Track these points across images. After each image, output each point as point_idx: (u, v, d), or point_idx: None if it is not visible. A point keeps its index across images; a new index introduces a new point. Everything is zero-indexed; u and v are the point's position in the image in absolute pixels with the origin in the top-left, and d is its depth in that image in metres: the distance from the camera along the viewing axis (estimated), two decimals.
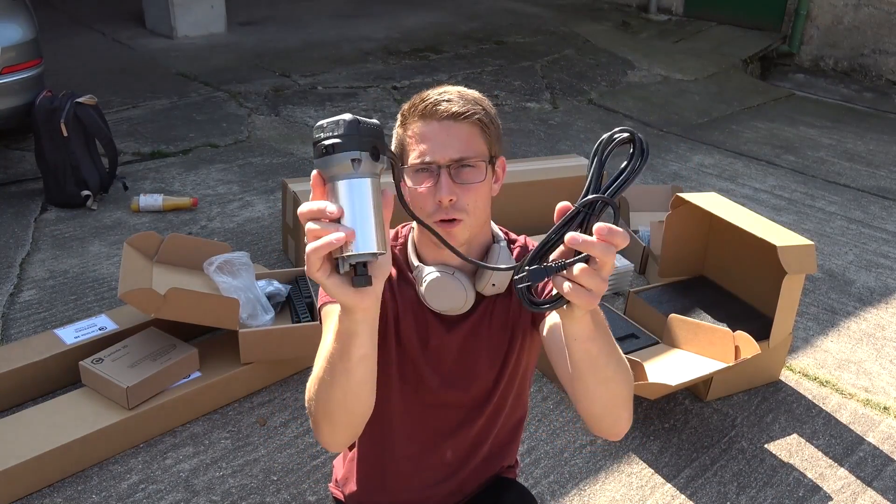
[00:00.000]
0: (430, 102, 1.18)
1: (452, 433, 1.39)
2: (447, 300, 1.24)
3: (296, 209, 3.00)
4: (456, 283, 1.23)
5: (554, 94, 5.72)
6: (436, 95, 1.19)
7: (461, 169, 1.17)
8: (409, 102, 1.22)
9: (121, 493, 2.04)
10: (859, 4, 6.80)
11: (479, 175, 1.19)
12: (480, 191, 1.19)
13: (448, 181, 1.16)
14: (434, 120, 1.17)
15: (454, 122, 1.17)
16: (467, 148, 1.18)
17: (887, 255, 3.64)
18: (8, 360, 2.30)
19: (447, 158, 1.16)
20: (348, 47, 6.37)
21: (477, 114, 1.19)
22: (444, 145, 1.17)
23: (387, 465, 1.43)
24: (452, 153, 1.17)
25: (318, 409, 1.10)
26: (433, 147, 1.17)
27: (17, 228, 3.32)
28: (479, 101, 1.21)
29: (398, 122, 1.23)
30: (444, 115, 1.17)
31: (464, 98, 1.19)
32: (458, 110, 1.17)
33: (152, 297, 2.22)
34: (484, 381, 1.34)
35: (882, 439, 2.44)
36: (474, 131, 1.19)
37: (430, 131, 1.17)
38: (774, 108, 5.93)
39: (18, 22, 3.64)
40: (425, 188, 1.17)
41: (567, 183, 3.44)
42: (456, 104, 1.17)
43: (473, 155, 1.18)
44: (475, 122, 1.18)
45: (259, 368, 2.42)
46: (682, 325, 2.53)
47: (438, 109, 1.17)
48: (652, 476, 2.23)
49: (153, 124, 4.56)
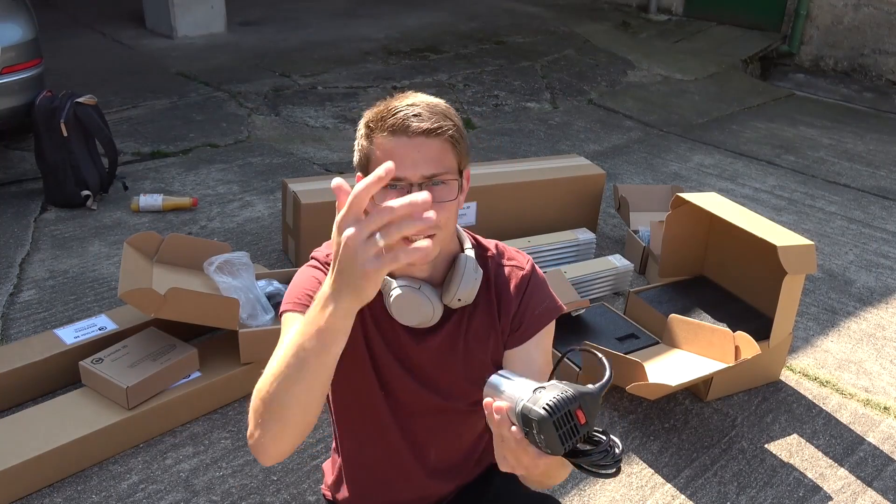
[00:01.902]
0: (400, 117, 1.13)
1: (434, 440, 1.39)
2: (414, 315, 1.23)
3: (296, 209, 3.00)
4: (422, 297, 1.21)
5: (554, 94, 5.72)
6: (404, 109, 1.14)
7: (433, 186, 1.15)
8: (374, 113, 1.17)
9: (121, 493, 2.04)
10: (859, 4, 6.80)
11: (452, 192, 1.17)
12: (452, 206, 1.18)
13: None
14: (404, 136, 1.13)
15: (426, 138, 1.13)
16: (439, 164, 1.14)
17: (887, 255, 3.64)
18: (8, 360, 2.30)
19: (419, 176, 1.13)
20: (348, 47, 6.37)
21: (449, 129, 1.15)
22: (415, 162, 1.13)
23: (372, 468, 1.44)
24: (424, 170, 1.14)
25: (271, 408, 1.08)
26: (404, 164, 1.12)
27: (17, 228, 3.32)
28: (448, 114, 1.17)
29: (362, 133, 1.19)
30: (416, 131, 1.13)
31: (433, 112, 1.15)
32: (430, 126, 1.13)
33: (152, 297, 2.22)
34: (456, 390, 1.34)
35: (882, 439, 2.44)
36: (446, 147, 1.16)
37: (400, 147, 1.13)
38: (774, 108, 5.93)
39: (18, 22, 3.64)
40: None
41: (567, 183, 3.44)
42: (427, 120, 1.14)
43: (445, 171, 1.15)
44: (447, 138, 1.15)
45: (259, 368, 2.40)
46: (682, 325, 2.53)
47: (410, 126, 1.13)
48: (652, 476, 2.23)
49: (153, 124, 4.56)
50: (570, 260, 3.24)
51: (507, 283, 1.31)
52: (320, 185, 3.08)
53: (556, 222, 3.41)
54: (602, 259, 3.14)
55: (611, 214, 3.83)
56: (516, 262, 1.34)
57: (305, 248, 3.01)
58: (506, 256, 1.34)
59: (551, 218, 3.41)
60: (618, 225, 3.75)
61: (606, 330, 2.68)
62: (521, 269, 1.33)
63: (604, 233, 3.67)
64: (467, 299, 1.24)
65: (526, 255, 1.36)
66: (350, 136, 4.61)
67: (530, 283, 1.32)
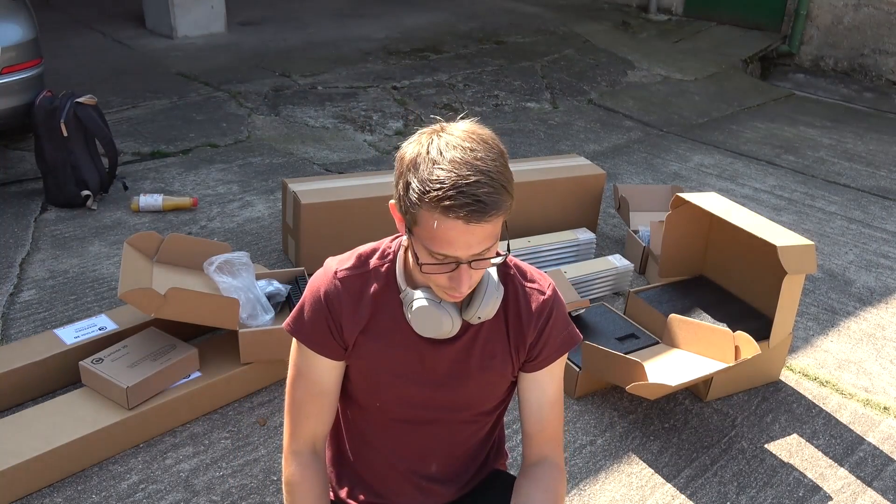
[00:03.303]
0: (460, 205, 1.05)
1: (435, 447, 1.40)
2: (432, 328, 1.24)
3: (296, 209, 3.00)
4: (442, 311, 1.21)
5: (554, 94, 5.72)
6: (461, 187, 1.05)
7: (481, 260, 1.14)
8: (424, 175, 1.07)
9: (121, 493, 2.04)
10: (859, 4, 6.80)
11: (494, 252, 1.16)
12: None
13: (467, 273, 1.14)
14: (462, 221, 1.07)
15: (484, 224, 1.08)
16: (490, 239, 1.12)
17: (887, 255, 3.65)
18: (8, 360, 2.30)
19: (469, 255, 1.12)
20: (348, 47, 6.37)
21: (505, 205, 1.09)
22: (468, 245, 1.10)
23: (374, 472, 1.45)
24: (476, 249, 1.12)
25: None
26: (457, 246, 1.10)
27: (17, 228, 3.32)
28: (505, 185, 1.09)
29: (409, 188, 1.10)
30: (476, 221, 1.07)
31: (495, 187, 1.07)
32: (490, 216, 1.07)
33: (152, 297, 2.22)
34: (466, 400, 1.35)
35: (882, 439, 2.44)
36: (499, 221, 1.12)
37: (455, 230, 1.08)
38: (774, 108, 5.93)
39: (18, 22, 3.64)
40: (442, 274, 1.15)
41: (567, 183, 3.44)
42: (487, 206, 1.06)
43: (494, 242, 1.14)
44: (502, 215, 1.11)
45: (259, 368, 2.42)
46: (682, 325, 2.53)
47: (471, 215, 1.06)
48: (652, 476, 2.23)
49: (153, 124, 4.56)
50: (570, 260, 3.24)
51: (527, 306, 1.31)
52: (320, 185, 3.08)
53: (556, 222, 3.41)
54: (602, 259, 3.14)
55: (611, 214, 3.83)
56: (538, 285, 1.33)
57: (305, 248, 3.01)
58: (527, 277, 1.34)
59: (551, 218, 3.41)
60: (618, 225, 3.75)
61: (606, 330, 2.68)
62: (543, 294, 1.32)
63: (604, 233, 3.67)
64: (487, 317, 1.25)
65: (548, 279, 1.35)
66: (350, 136, 4.61)
67: (553, 312, 1.32)
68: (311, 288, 1.32)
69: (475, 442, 1.43)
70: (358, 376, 1.35)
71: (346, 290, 1.29)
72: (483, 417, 1.40)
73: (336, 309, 1.28)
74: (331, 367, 1.32)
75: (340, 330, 1.29)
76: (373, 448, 1.42)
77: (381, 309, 1.29)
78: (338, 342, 1.30)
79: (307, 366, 1.32)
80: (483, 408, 1.38)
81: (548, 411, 1.36)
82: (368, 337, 1.29)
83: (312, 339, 1.30)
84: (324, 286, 1.29)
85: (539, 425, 1.37)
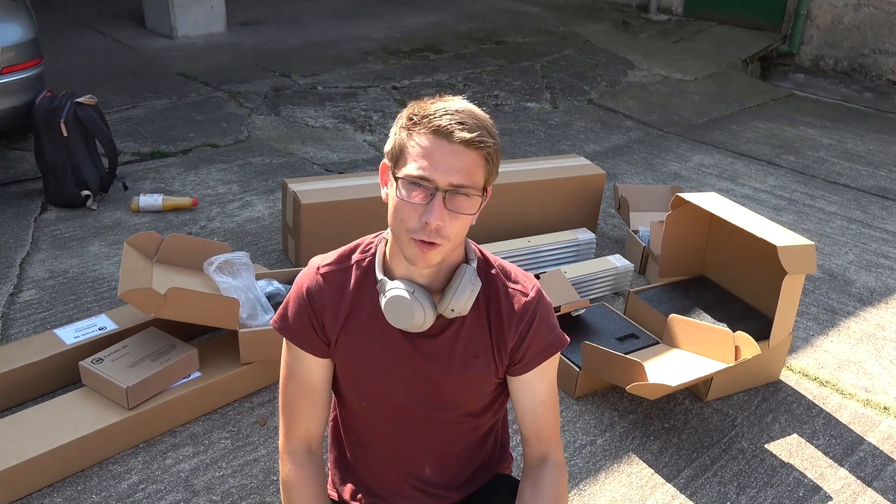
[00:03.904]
0: (446, 121, 1.14)
1: (426, 448, 1.40)
2: (405, 318, 1.23)
3: (296, 209, 3.00)
4: (414, 302, 1.21)
5: (554, 94, 5.72)
6: (452, 113, 1.15)
7: (456, 196, 1.15)
8: (420, 108, 1.18)
9: (121, 493, 2.04)
10: (859, 4, 6.80)
11: (472, 207, 1.18)
12: (467, 220, 1.18)
13: (440, 206, 1.14)
14: (445, 140, 1.14)
15: (465, 148, 1.14)
16: (468, 177, 1.15)
17: (887, 255, 3.65)
18: (8, 360, 2.30)
19: (447, 182, 1.14)
20: (348, 47, 6.37)
21: (486, 146, 1.16)
22: (447, 168, 1.14)
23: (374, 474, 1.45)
24: (454, 178, 1.14)
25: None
26: (436, 167, 1.14)
27: (17, 228, 3.32)
28: (490, 131, 1.18)
29: (402, 123, 1.19)
30: (458, 139, 1.14)
31: (479, 124, 1.16)
32: (473, 138, 1.14)
33: (152, 297, 2.22)
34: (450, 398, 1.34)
35: (882, 439, 2.44)
36: (480, 162, 1.17)
37: (437, 150, 1.14)
38: (774, 108, 5.93)
39: (18, 22, 3.64)
40: (415, 203, 1.16)
41: (567, 183, 3.44)
42: (470, 131, 1.14)
43: (472, 185, 1.16)
44: (484, 153, 1.16)
45: (259, 368, 2.42)
46: (682, 325, 2.53)
47: (454, 132, 1.14)
48: (652, 476, 2.23)
49: (153, 124, 4.56)
50: (570, 260, 3.24)
51: (508, 307, 1.29)
52: (320, 185, 3.08)
53: (556, 222, 3.41)
54: (602, 259, 3.14)
55: (611, 214, 3.83)
56: (521, 286, 1.31)
57: (305, 248, 3.01)
58: (511, 278, 1.32)
59: (551, 218, 3.41)
60: (618, 225, 3.75)
61: (606, 330, 2.68)
62: (526, 296, 1.30)
63: (604, 233, 3.67)
64: (461, 310, 1.24)
65: (533, 280, 1.34)
66: (350, 136, 4.61)
67: (536, 315, 1.30)
68: (295, 285, 1.34)
69: (468, 444, 1.42)
70: (344, 374, 1.35)
71: (327, 285, 1.30)
72: (471, 419, 1.38)
73: (318, 305, 1.30)
74: (318, 364, 1.33)
75: (323, 326, 1.30)
76: (369, 450, 1.42)
77: (362, 303, 1.30)
78: (321, 338, 1.31)
79: (296, 364, 1.34)
80: (469, 408, 1.37)
81: (541, 411, 1.36)
82: (349, 332, 1.30)
83: (297, 336, 1.31)
84: (306, 283, 1.31)
85: (534, 426, 1.36)
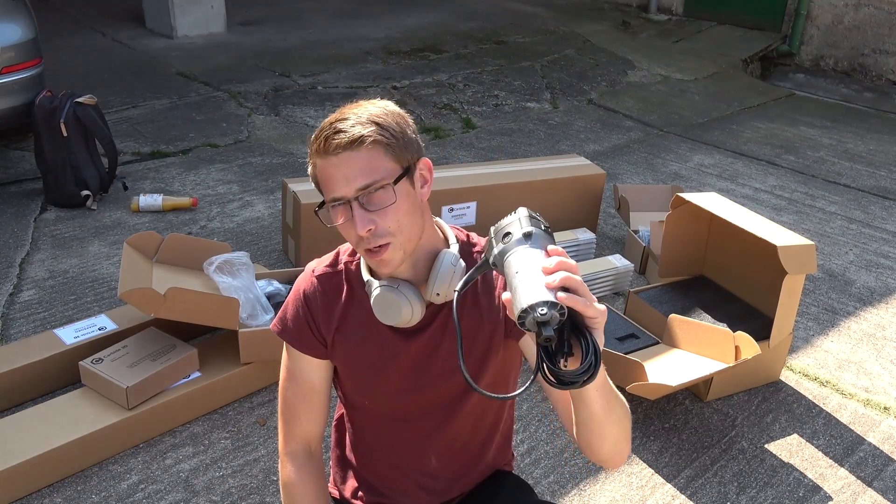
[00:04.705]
0: (323, 138, 1.14)
1: (430, 443, 1.39)
2: (394, 314, 1.23)
3: (296, 209, 3.00)
4: (400, 296, 1.21)
5: (554, 94, 5.72)
6: (328, 128, 1.14)
7: (370, 195, 1.14)
8: (313, 135, 1.18)
9: (121, 493, 2.04)
10: (859, 4, 6.80)
11: (390, 196, 1.15)
12: (400, 209, 1.16)
13: (361, 212, 1.13)
14: (331, 155, 1.13)
15: (349, 152, 1.12)
16: (370, 173, 1.13)
17: (887, 255, 3.64)
18: (8, 360, 2.30)
19: (353, 190, 1.13)
20: (348, 47, 6.37)
21: (370, 136, 1.13)
22: (346, 178, 1.13)
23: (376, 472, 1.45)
24: (356, 183, 1.12)
25: None
26: (337, 183, 1.13)
27: (17, 228, 3.32)
28: (375, 119, 1.14)
29: (308, 159, 1.20)
30: (338, 148, 1.12)
31: (357, 122, 1.13)
32: (349, 139, 1.12)
33: (152, 297, 2.22)
34: (449, 389, 1.33)
35: (882, 439, 2.44)
36: (375, 153, 1.13)
37: (329, 167, 1.14)
38: (774, 108, 5.93)
39: (18, 22, 3.64)
40: (343, 223, 1.16)
41: (567, 183, 3.44)
42: (347, 133, 1.12)
43: (378, 178, 1.13)
44: (371, 144, 1.13)
45: (259, 368, 2.42)
46: (682, 325, 2.53)
47: (331, 144, 1.13)
48: (652, 476, 2.23)
49: (153, 124, 4.56)
50: None
51: (493, 277, 1.29)
52: None
53: (556, 222, 3.41)
54: (602, 259, 3.14)
55: (611, 214, 3.83)
56: None
57: (305, 248, 3.01)
58: None
59: (551, 218, 3.41)
60: (618, 225, 3.75)
61: (606, 330, 2.67)
62: None
63: (604, 233, 3.67)
64: (446, 293, 1.22)
65: None
66: None
67: None
68: (294, 288, 1.35)
69: (476, 436, 1.42)
70: (344, 374, 1.36)
71: (322, 288, 1.31)
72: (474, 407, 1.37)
73: (314, 307, 1.31)
74: (317, 365, 1.34)
75: (319, 328, 1.31)
76: (372, 447, 1.42)
77: (354, 305, 1.30)
78: (319, 340, 1.32)
79: (295, 366, 1.35)
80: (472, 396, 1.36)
81: None
82: (344, 333, 1.31)
83: (295, 338, 1.33)
84: (303, 286, 1.33)
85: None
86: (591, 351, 0.97)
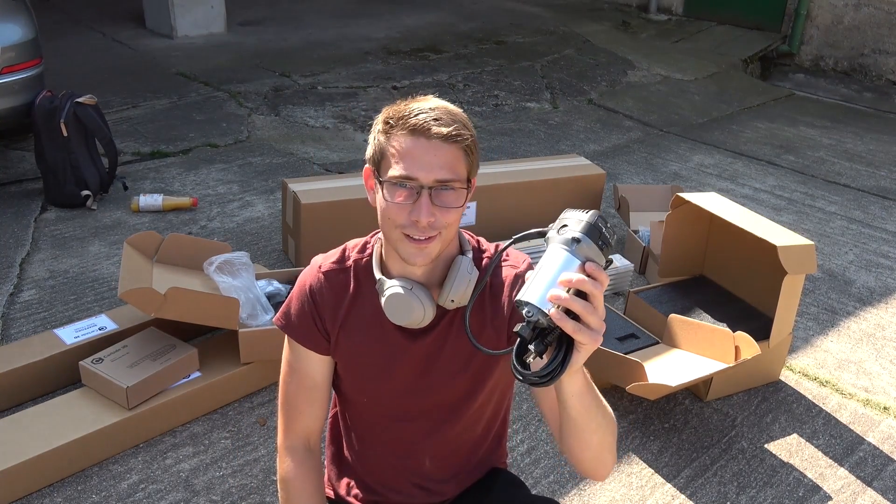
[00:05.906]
0: (422, 119, 1.16)
1: (426, 443, 1.40)
2: (405, 315, 1.25)
3: (296, 209, 3.00)
4: (413, 298, 1.23)
5: (554, 94, 5.72)
6: (426, 111, 1.17)
7: (442, 191, 1.17)
8: (395, 110, 1.20)
9: (121, 493, 2.04)
10: (859, 4, 6.80)
11: (459, 200, 1.19)
12: (457, 213, 1.20)
13: (428, 202, 1.16)
14: (423, 138, 1.16)
15: (444, 143, 1.16)
16: (451, 171, 1.17)
17: (887, 255, 3.65)
18: (8, 360, 2.30)
19: (431, 179, 1.16)
20: (348, 47, 6.37)
21: (466, 138, 1.18)
22: (429, 165, 1.16)
23: (371, 470, 1.45)
24: (438, 175, 1.16)
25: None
26: (418, 165, 1.16)
27: (17, 228, 3.32)
28: (466, 124, 1.20)
29: (380, 128, 1.21)
30: (436, 135, 1.15)
31: (454, 119, 1.18)
32: (450, 133, 1.16)
33: (152, 297, 2.22)
34: (450, 392, 1.34)
35: (882, 439, 2.44)
36: (460, 155, 1.18)
37: (417, 149, 1.16)
38: (774, 108, 5.93)
39: (18, 22, 3.64)
40: (402, 202, 1.17)
41: (567, 183, 3.44)
42: (447, 125, 1.16)
43: (456, 178, 1.18)
44: (463, 147, 1.18)
45: (259, 368, 2.42)
46: (682, 325, 2.53)
47: (430, 129, 1.15)
48: (652, 476, 2.23)
49: (153, 124, 4.56)
50: None
51: (500, 281, 1.31)
52: (320, 185, 3.08)
53: None
54: None
55: (611, 214, 3.83)
56: (512, 262, 1.33)
57: (305, 248, 3.01)
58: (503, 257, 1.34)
59: (551, 218, 3.38)
60: (618, 225, 3.75)
61: (606, 330, 2.67)
62: (516, 268, 1.32)
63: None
64: (460, 300, 1.25)
65: (524, 257, 1.36)
66: (350, 136, 4.61)
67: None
68: (298, 283, 1.36)
69: (471, 437, 1.43)
70: (344, 371, 1.37)
71: (328, 284, 1.32)
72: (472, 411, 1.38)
73: (319, 303, 1.32)
74: (319, 361, 1.35)
75: (324, 323, 1.32)
76: (369, 445, 1.43)
77: (361, 302, 1.31)
78: (323, 336, 1.33)
79: (297, 361, 1.36)
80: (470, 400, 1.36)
81: None
82: (349, 330, 1.32)
83: (299, 333, 1.33)
84: (309, 281, 1.34)
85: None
86: (558, 366, 1.00)
